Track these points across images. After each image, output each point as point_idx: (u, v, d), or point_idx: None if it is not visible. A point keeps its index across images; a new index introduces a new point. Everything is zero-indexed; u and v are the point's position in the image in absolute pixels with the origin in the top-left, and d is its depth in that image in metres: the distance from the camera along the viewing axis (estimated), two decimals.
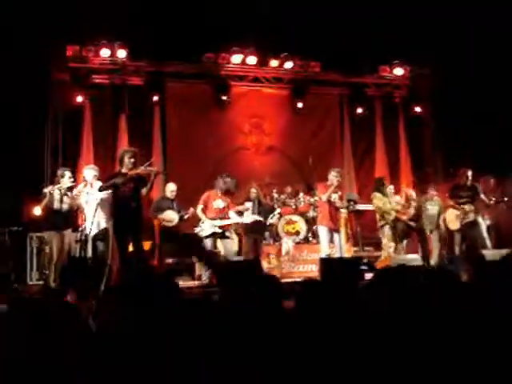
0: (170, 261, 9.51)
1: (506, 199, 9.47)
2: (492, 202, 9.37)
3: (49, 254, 8.14)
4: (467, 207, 9.20)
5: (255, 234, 9.29)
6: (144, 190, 7.37)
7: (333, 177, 8.59)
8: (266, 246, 9.86)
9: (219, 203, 8.58)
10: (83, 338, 2.24)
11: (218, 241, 8.71)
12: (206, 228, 8.51)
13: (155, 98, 11.33)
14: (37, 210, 8.61)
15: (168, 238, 9.04)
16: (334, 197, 8.72)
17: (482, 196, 9.30)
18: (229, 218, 8.68)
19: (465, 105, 10.93)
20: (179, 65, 11.52)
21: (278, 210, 10.16)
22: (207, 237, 8.52)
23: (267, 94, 12.39)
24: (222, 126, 11.95)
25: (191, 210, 8.98)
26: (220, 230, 8.53)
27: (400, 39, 11.06)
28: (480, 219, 9.26)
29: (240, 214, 9.12)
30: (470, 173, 9.35)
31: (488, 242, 9.09)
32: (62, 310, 2.33)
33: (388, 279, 3.11)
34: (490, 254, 8.40)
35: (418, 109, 12.88)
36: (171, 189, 9.19)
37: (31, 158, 10.11)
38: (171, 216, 9.01)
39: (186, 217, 9.05)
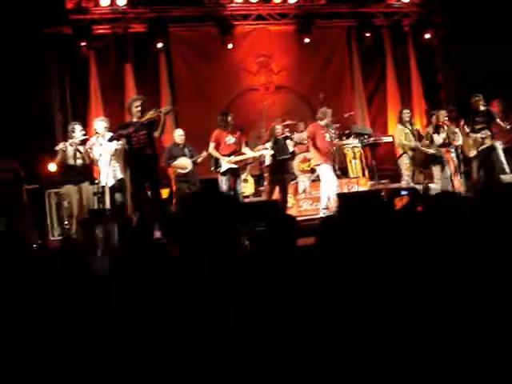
0: None
1: None
2: (509, 126, 9.20)
3: (68, 208, 8.19)
4: (483, 133, 9.06)
5: (280, 173, 9.03)
6: (156, 133, 7.37)
7: None
8: None
9: (230, 139, 8.54)
10: None
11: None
12: (222, 165, 8.52)
13: (159, 45, 11.14)
14: (52, 167, 8.65)
15: (185, 185, 9.05)
16: (329, 135, 8.87)
17: (498, 120, 9.13)
18: (243, 154, 8.68)
19: (475, 27, 10.60)
20: (181, 9, 11.27)
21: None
22: (223, 173, 8.52)
23: (273, 32, 12.06)
24: (230, 67, 11.75)
25: (204, 153, 8.96)
26: (235, 166, 8.53)
27: None
28: (497, 144, 9.12)
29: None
30: (482, 98, 9.15)
31: (506, 167, 8.96)
32: None
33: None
34: (509, 178, 8.36)
35: (427, 36, 12.55)
36: (179, 133, 9.20)
37: (41, 115, 10.10)
38: (184, 163, 9.00)
39: (199, 160, 9.07)
